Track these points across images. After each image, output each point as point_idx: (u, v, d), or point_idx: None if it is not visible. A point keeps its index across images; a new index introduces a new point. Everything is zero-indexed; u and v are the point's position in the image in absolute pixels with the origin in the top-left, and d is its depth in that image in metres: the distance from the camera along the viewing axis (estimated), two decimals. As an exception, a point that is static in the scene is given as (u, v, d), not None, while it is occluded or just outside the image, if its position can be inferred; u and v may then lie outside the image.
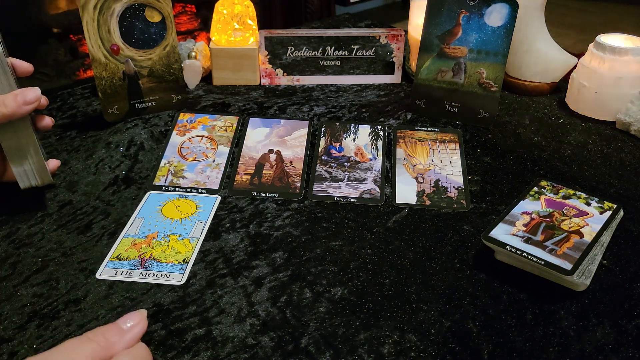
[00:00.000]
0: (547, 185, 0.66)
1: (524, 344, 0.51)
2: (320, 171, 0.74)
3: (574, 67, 0.88)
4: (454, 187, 0.71)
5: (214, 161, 0.76)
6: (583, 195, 0.64)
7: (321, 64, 0.95)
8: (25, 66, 0.64)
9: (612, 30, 0.90)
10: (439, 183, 0.72)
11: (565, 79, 0.91)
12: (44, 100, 0.65)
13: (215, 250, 0.62)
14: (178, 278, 0.58)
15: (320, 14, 2.59)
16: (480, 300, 0.56)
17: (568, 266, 0.54)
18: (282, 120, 0.83)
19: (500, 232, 0.59)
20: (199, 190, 0.71)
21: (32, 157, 0.63)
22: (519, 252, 0.56)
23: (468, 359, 0.50)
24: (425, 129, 0.81)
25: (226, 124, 0.82)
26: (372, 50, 0.94)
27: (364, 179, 0.73)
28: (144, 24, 0.79)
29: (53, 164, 0.68)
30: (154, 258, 0.61)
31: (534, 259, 0.55)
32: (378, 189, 0.71)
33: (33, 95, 0.59)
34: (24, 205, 0.68)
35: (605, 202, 0.63)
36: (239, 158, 0.76)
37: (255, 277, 0.58)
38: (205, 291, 0.57)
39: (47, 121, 0.66)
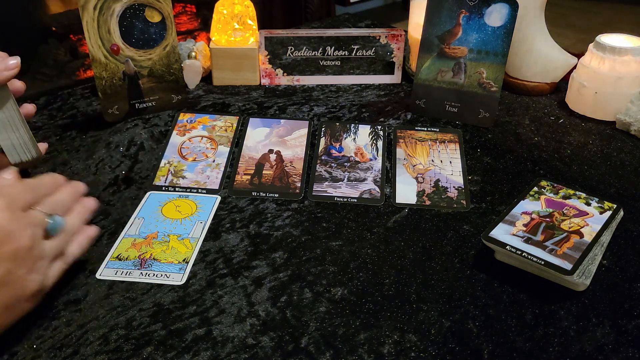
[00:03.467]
0: (547, 185, 0.66)
1: (524, 344, 0.51)
2: (320, 171, 0.74)
3: (574, 67, 0.88)
4: (454, 187, 0.71)
5: (214, 161, 0.76)
6: (583, 195, 0.64)
7: (321, 64, 0.95)
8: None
9: (612, 30, 0.90)
10: (439, 183, 0.72)
11: (565, 79, 0.91)
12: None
13: (215, 250, 0.62)
14: (178, 278, 0.58)
15: (320, 14, 2.59)
16: (480, 300, 0.56)
17: (568, 266, 0.54)
18: (282, 120, 0.83)
19: (500, 232, 0.59)
20: (199, 190, 0.71)
21: (19, 130, 0.62)
22: (519, 252, 0.56)
23: (468, 359, 0.50)
24: (425, 129, 0.81)
25: (226, 124, 0.82)
26: (372, 50, 0.94)
27: (364, 179, 0.73)
28: (144, 24, 0.79)
29: (41, 146, 0.66)
30: (154, 258, 0.61)
31: (534, 259, 0.55)
32: (378, 189, 0.71)
33: (14, 61, 0.59)
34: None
35: (605, 202, 0.63)
36: (239, 158, 0.76)
37: (255, 277, 0.58)
38: (205, 291, 0.57)
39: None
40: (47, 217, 0.52)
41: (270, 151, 0.77)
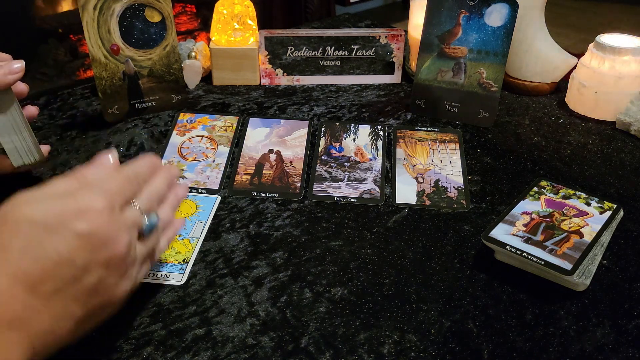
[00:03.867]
0: (547, 185, 0.66)
1: (524, 344, 0.51)
2: (320, 171, 0.74)
3: (574, 67, 0.88)
4: (454, 187, 0.71)
5: (214, 161, 0.76)
6: (583, 195, 0.64)
7: (321, 64, 0.95)
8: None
9: (612, 30, 0.90)
10: (439, 183, 0.72)
11: (565, 79, 0.91)
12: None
13: (215, 250, 0.62)
14: (178, 278, 0.58)
15: (320, 14, 2.59)
16: (480, 300, 0.56)
17: (568, 266, 0.54)
18: (282, 120, 0.83)
19: (500, 232, 0.59)
20: (199, 190, 0.71)
21: (22, 132, 0.62)
22: (519, 252, 0.56)
23: (468, 359, 0.50)
24: (425, 129, 0.81)
25: (226, 124, 0.82)
26: (372, 50, 0.94)
27: (364, 179, 0.73)
28: (144, 24, 0.79)
29: (44, 148, 0.66)
30: (154, 258, 0.61)
31: (534, 259, 0.55)
32: (378, 189, 0.71)
33: (18, 65, 0.59)
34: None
35: (605, 202, 0.63)
36: (239, 158, 0.76)
37: (255, 277, 0.58)
38: (205, 291, 0.57)
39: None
40: (143, 216, 0.48)
41: (270, 151, 0.77)
